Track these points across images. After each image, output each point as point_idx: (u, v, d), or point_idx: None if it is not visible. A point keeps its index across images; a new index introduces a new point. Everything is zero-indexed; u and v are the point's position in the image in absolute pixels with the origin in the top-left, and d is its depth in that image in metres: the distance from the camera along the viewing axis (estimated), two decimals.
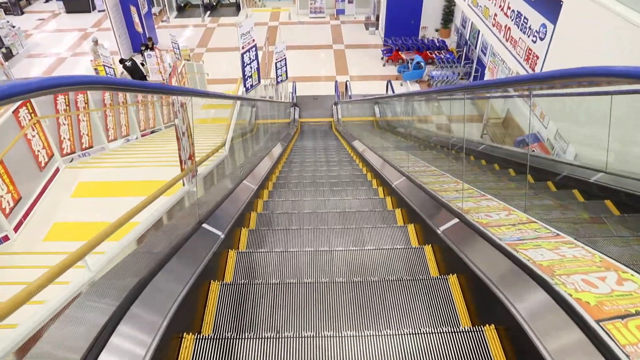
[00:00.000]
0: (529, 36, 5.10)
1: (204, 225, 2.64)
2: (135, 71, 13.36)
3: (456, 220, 2.37)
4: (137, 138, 8.60)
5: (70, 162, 6.11)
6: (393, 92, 13.85)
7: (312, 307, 2.23)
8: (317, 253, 2.74)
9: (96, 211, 5.31)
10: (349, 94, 13.81)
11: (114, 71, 10.39)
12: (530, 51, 5.09)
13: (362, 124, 12.60)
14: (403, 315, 2.11)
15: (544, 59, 4.70)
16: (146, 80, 13.10)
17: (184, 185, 2.88)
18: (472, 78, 15.57)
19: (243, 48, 5.35)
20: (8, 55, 17.46)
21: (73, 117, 6.19)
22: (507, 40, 5.91)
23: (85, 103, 6.48)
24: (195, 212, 2.63)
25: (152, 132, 9.50)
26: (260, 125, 7.98)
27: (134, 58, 13.88)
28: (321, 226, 3.36)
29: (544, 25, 4.75)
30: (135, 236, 2.01)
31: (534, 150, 8.16)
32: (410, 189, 3.52)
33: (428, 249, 2.66)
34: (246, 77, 5.58)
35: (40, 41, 19.73)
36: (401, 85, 16.06)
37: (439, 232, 2.54)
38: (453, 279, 2.17)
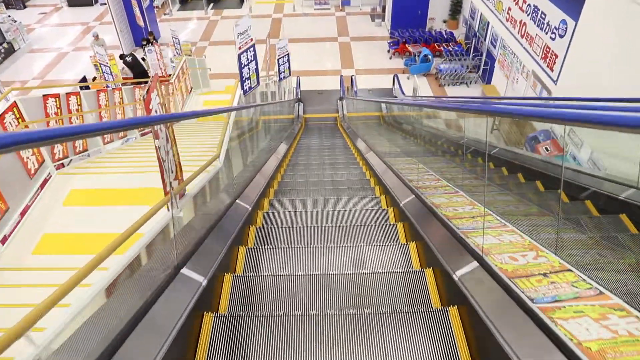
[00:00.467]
0: (546, 33, 4.73)
1: (183, 271, 2.24)
2: (135, 66, 13.10)
3: (475, 264, 2.04)
4: (135, 138, 8.35)
5: (68, 164, 5.86)
6: (400, 87, 13.46)
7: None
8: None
9: (88, 221, 5.07)
10: (355, 89, 13.45)
11: (110, 69, 10.11)
12: (548, 49, 4.73)
13: (368, 121, 12.24)
14: None
15: (564, 58, 4.35)
16: (147, 75, 12.85)
17: (168, 210, 2.60)
18: (481, 71, 15.12)
19: (240, 48, 5.04)
20: (10, 51, 17.25)
21: (65, 121, 5.93)
22: (522, 37, 5.54)
23: (79, 105, 6.22)
24: (172, 254, 2.26)
25: (145, 133, 9.23)
26: (262, 123, 7.69)
27: (134, 53, 13.61)
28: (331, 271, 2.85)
29: (564, 22, 4.39)
30: (95, 294, 1.71)
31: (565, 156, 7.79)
32: (423, 216, 3.04)
33: (452, 311, 2.18)
34: (244, 78, 5.27)
35: (42, 36, 19.49)
36: (408, 79, 15.64)
37: (456, 278, 2.16)
38: None
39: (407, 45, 16.92)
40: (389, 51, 17.38)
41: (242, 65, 5.23)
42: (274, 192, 5.49)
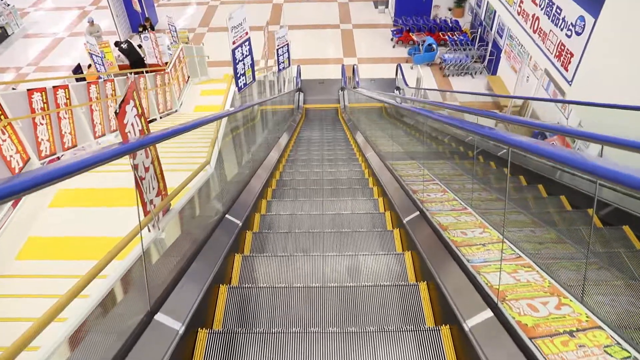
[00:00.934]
0: (562, 29, 4.43)
1: (157, 317, 1.94)
2: (131, 54, 12.69)
3: (490, 314, 1.77)
4: None
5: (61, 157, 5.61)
6: (403, 77, 13.11)
7: None
8: None
9: (76, 223, 4.84)
10: (357, 79, 13.10)
11: (102, 59, 9.76)
12: (562, 47, 4.44)
13: (370, 112, 11.91)
14: None
15: (580, 58, 4.06)
16: (144, 63, 12.45)
17: (149, 231, 2.36)
18: (486, 62, 14.73)
19: (234, 43, 4.73)
20: (3, 36, 16.85)
21: (53, 116, 5.65)
22: (534, 32, 5.22)
23: (67, 99, 5.94)
24: (145, 295, 1.96)
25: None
26: (259, 116, 7.42)
27: (130, 40, 13.21)
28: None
29: (582, 18, 4.09)
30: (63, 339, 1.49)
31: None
32: (431, 245, 2.61)
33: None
34: (239, 75, 4.96)
35: (37, 20, 19.03)
36: (411, 68, 15.27)
37: (466, 329, 1.86)
38: None
39: (411, 33, 16.50)
40: (392, 39, 16.95)
41: (237, 61, 4.89)
42: (272, 193, 5.25)
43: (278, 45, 9.42)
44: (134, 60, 12.37)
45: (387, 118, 10.35)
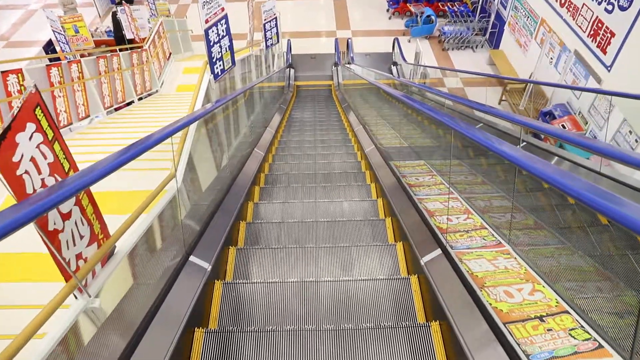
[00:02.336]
0: (599, 3, 3.71)
1: None
2: (116, 29, 11.63)
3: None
4: (101, 117, 7.32)
5: None
6: (401, 51, 12.29)
7: None
8: None
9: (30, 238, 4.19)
10: (351, 54, 12.26)
11: (65, 37, 8.79)
12: (600, 25, 3.73)
13: (366, 92, 11.15)
14: None
15: (624, 39, 3.37)
16: (124, 40, 11.39)
17: (76, 298, 1.71)
18: (488, 34, 13.90)
19: (207, 22, 3.94)
20: None
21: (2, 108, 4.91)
22: (562, 6, 4.49)
23: (21, 85, 5.17)
24: None
25: (118, 109, 8.16)
26: (242, 102, 6.68)
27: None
28: None
29: None
30: None
31: None
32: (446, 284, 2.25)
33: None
34: (214, 59, 4.14)
35: None
36: (409, 42, 14.41)
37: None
38: None
39: (408, 4, 15.53)
40: (388, 10, 15.98)
41: (212, 43, 4.06)
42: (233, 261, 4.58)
43: (265, 20, 8.53)
44: (117, 37, 11.36)
45: (389, 100, 9.56)
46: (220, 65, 4.33)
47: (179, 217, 2.63)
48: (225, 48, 4.32)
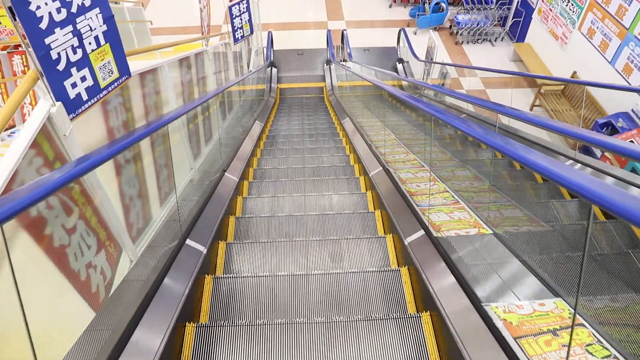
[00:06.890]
0: None
1: None
2: None
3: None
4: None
5: None
6: (410, 46, 9.94)
7: None
8: None
9: None
10: (348, 49, 9.87)
11: None
12: None
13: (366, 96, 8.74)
14: None
15: None
16: None
17: None
18: (508, 24, 11.61)
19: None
20: None
21: None
22: None
23: None
24: None
25: None
26: (200, 116, 4.33)
27: None
28: None
29: None
30: None
31: None
32: None
33: None
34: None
35: None
36: (415, 34, 12.07)
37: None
38: None
39: None
40: None
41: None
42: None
43: (232, 2, 5.90)
44: None
45: (392, 102, 7.01)
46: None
47: None
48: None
